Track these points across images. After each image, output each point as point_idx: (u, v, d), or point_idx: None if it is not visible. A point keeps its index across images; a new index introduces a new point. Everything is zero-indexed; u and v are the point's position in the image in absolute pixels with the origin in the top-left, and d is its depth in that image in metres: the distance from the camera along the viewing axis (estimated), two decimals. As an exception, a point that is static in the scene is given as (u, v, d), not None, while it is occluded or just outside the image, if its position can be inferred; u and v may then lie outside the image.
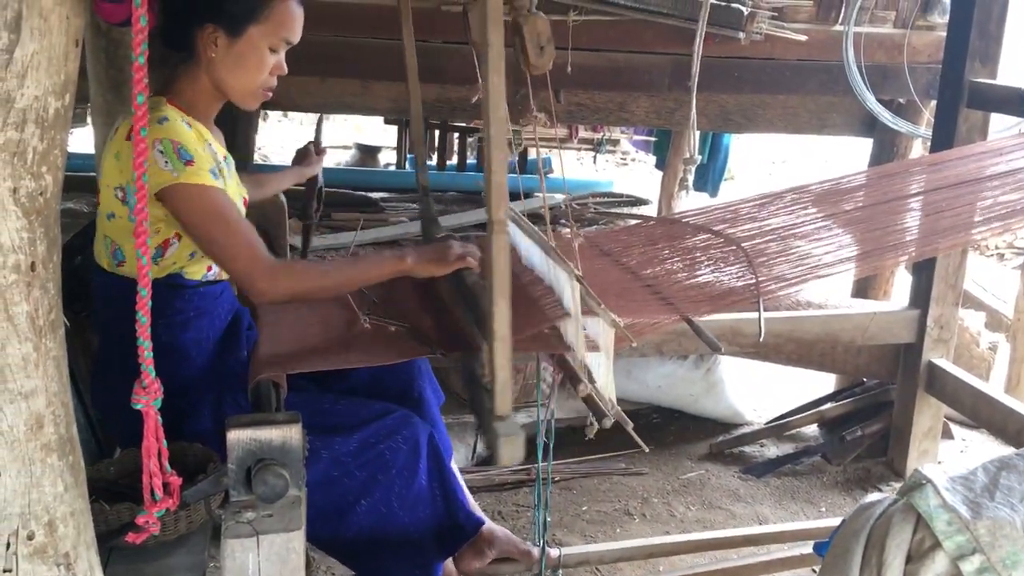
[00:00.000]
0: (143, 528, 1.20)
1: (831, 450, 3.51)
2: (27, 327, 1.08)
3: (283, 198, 2.54)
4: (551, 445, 2.11)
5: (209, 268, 1.90)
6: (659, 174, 5.99)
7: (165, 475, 1.21)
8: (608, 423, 1.63)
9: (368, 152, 7.54)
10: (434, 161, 6.52)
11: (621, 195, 5.76)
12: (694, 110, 2.90)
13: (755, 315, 3.25)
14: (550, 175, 6.65)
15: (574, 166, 7.64)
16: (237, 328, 2.02)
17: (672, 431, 3.74)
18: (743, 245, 2.14)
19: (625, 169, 8.60)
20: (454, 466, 2.21)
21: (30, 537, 1.12)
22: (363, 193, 5.61)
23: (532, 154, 6.62)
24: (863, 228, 2.22)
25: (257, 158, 7.60)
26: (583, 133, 5.18)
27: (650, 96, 3.41)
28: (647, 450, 1.69)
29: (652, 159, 7.40)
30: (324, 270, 1.93)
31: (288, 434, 1.48)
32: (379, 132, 8.38)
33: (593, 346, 1.73)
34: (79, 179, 4.40)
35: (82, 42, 1.07)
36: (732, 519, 3.15)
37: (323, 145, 2.50)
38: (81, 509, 1.18)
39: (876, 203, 2.32)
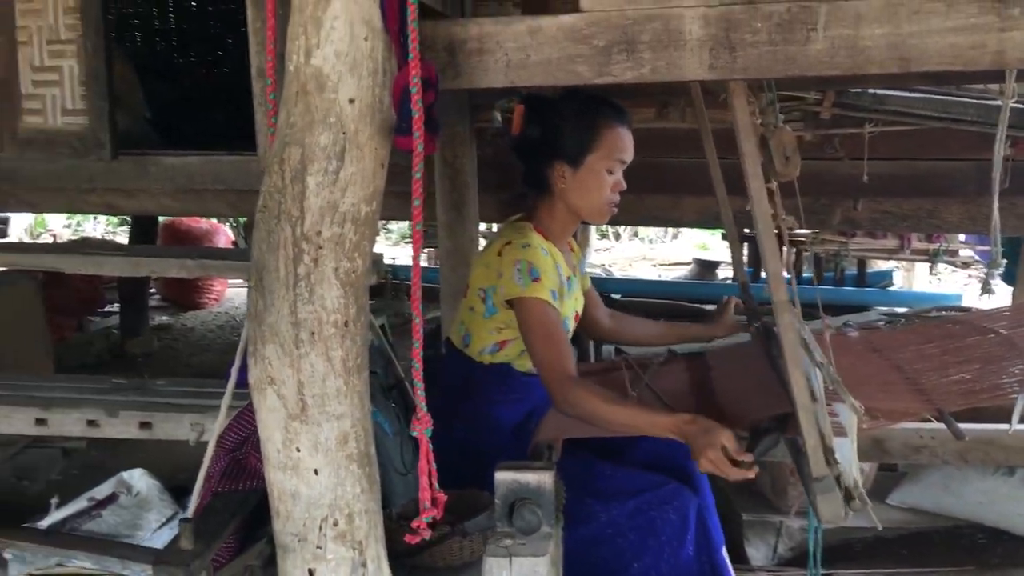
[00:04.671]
0: (417, 531, 1.56)
1: None
2: (340, 367, 1.50)
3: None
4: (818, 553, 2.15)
5: None
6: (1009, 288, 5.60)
7: (434, 491, 1.56)
8: (857, 506, 1.75)
9: (706, 267, 7.84)
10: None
11: (969, 310, 5.47)
12: (996, 213, 2.87)
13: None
14: (890, 288, 6.48)
15: (923, 279, 7.33)
16: (541, 412, 2.36)
17: (999, 553, 3.48)
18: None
19: (972, 281, 8.03)
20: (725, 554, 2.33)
21: (335, 524, 1.53)
22: (697, 305, 5.89)
23: (873, 266, 6.51)
24: None
25: (601, 273, 8.21)
26: (917, 243, 5.04)
27: (963, 203, 3.37)
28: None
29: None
30: (607, 405, 1.99)
31: (542, 478, 1.78)
32: (721, 247, 8.65)
33: (840, 431, 1.86)
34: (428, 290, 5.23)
35: (387, 162, 1.51)
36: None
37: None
38: (373, 510, 1.57)
39: None
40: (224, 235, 8.21)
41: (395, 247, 11.79)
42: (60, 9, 3.84)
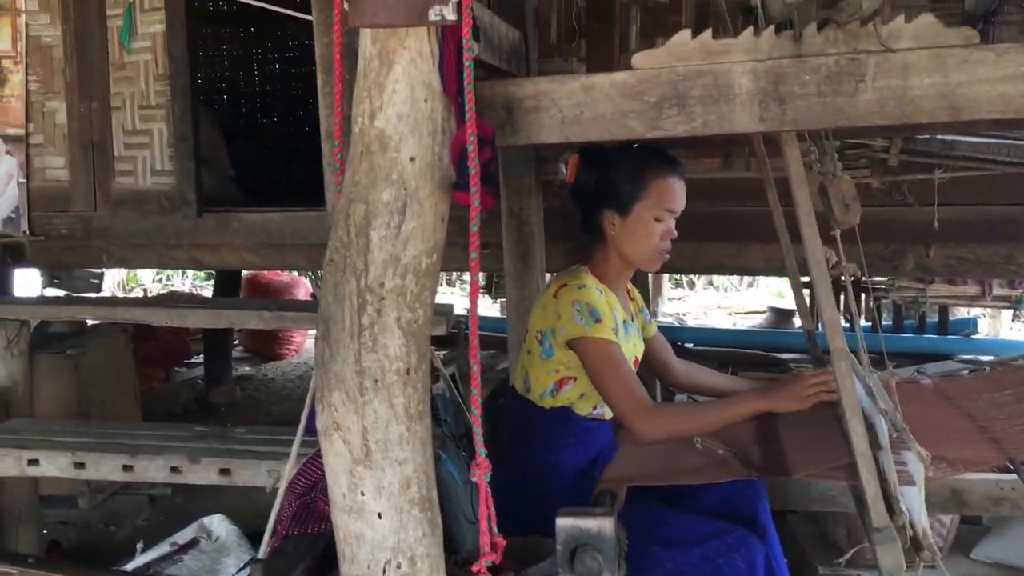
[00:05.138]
0: (477, 574, 1.59)
1: None
2: (403, 414, 1.56)
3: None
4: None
5: (594, 407, 2.31)
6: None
7: (494, 536, 1.59)
8: (927, 556, 1.73)
9: (781, 315, 7.73)
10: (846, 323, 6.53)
11: (1052, 358, 5.30)
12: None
13: None
14: (975, 335, 6.30)
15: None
16: (605, 459, 2.39)
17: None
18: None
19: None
20: None
21: (398, 567, 1.57)
22: (773, 354, 5.82)
23: (956, 313, 6.35)
24: None
25: (674, 322, 8.16)
26: (999, 290, 4.91)
27: (1044, 247, 3.30)
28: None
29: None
30: (696, 411, 2.22)
31: (602, 524, 1.80)
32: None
33: (908, 480, 1.84)
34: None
35: (447, 216, 1.58)
36: None
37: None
38: (435, 554, 1.61)
39: None
40: (304, 288, 8.44)
41: (470, 298, 11.89)
42: (151, 76, 4.08)
